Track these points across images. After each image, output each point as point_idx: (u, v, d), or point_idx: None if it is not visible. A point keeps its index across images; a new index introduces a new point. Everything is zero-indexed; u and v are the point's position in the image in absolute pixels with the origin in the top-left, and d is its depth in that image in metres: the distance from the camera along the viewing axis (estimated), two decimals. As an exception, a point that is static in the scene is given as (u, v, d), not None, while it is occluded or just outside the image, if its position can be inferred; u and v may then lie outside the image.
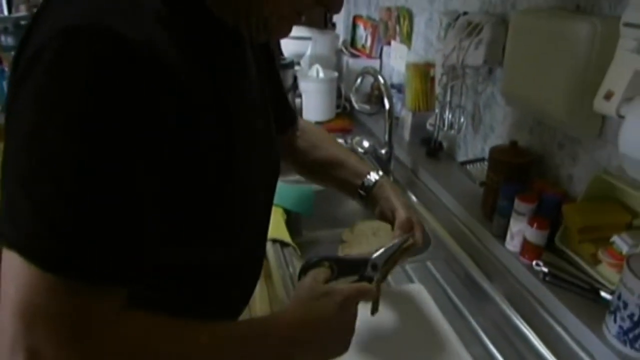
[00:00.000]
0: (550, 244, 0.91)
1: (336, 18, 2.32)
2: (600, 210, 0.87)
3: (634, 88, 0.74)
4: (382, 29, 1.81)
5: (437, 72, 1.30)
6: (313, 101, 1.85)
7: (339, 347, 0.62)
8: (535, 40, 0.94)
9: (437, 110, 1.32)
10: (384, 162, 1.43)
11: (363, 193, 0.87)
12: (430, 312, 0.93)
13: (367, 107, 1.80)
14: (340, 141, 1.77)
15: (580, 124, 0.89)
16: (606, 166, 0.89)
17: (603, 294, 0.80)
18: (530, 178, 1.02)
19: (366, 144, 1.41)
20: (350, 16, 2.18)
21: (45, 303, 0.42)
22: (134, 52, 0.43)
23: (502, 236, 0.97)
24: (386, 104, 1.37)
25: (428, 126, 1.41)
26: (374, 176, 0.88)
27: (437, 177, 1.28)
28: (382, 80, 1.39)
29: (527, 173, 1.02)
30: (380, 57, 1.93)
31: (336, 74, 1.87)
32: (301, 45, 2.01)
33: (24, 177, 0.43)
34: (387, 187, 0.87)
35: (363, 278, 0.67)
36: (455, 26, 1.20)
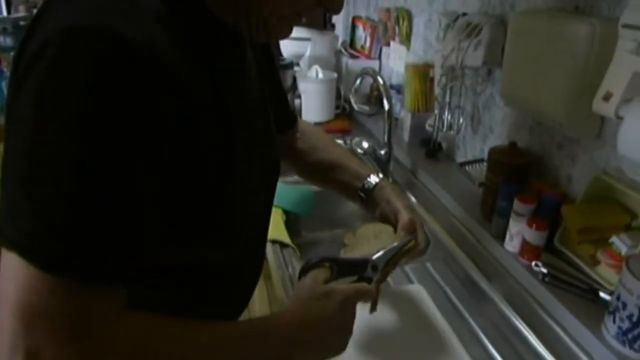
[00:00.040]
0: (549, 245, 0.91)
1: (335, 19, 2.32)
2: (599, 211, 0.87)
3: (633, 89, 0.74)
4: (381, 30, 1.81)
5: (436, 73, 1.30)
6: (312, 102, 1.85)
7: (337, 347, 0.62)
8: (534, 41, 0.94)
9: (436, 111, 1.32)
10: (383, 163, 1.43)
11: (363, 195, 0.87)
12: (429, 313, 0.93)
13: (367, 108, 1.80)
14: (339, 142, 1.77)
15: (579, 125, 0.89)
16: (605, 167, 0.89)
17: (602, 295, 0.80)
18: (529, 179, 1.02)
19: (365, 145, 1.41)
20: (349, 17, 2.19)
21: (44, 303, 0.42)
22: (134, 52, 0.43)
23: (502, 237, 0.97)
24: (385, 105, 1.37)
25: (427, 127, 1.41)
26: (374, 179, 0.88)
27: (437, 178, 1.28)
28: (382, 81, 1.39)
29: (526, 174, 1.02)
30: (379, 58, 1.93)
31: (335, 75, 1.88)
32: (300, 46, 2.01)
33: (24, 177, 0.43)
34: (388, 190, 0.87)
35: (363, 279, 0.67)
36: (454, 27, 1.20)
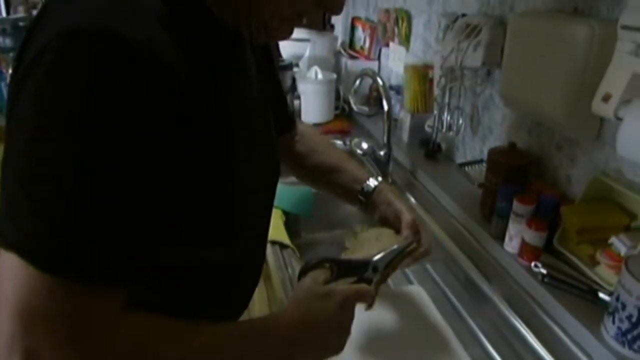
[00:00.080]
0: (548, 246, 0.91)
1: (335, 20, 2.32)
2: (598, 211, 0.87)
3: (632, 90, 0.74)
4: (381, 31, 1.81)
5: (436, 74, 1.30)
6: (312, 103, 1.85)
7: (336, 347, 0.62)
8: (533, 42, 0.94)
9: (436, 111, 1.33)
10: (383, 164, 1.43)
11: (362, 198, 0.87)
12: (429, 314, 0.94)
13: (366, 109, 1.80)
14: (338, 143, 1.77)
15: (578, 126, 0.89)
16: (604, 168, 0.89)
17: (601, 295, 0.80)
18: (528, 179, 1.02)
19: (365, 146, 1.41)
20: (348, 18, 2.19)
21: (44, 304, 0.42)
22: (134, 52, 0.43)
23: (501, 238, 0.98)
24: (385, 106, 1.38)
25: (426, 128, 1.41)
26: (373, 182, 0.88)
27: (436, 179, 1.28)
28: (381, 81, 1.39)
29: (526, 174, 1.02)
30: (378, 59, 1.93)
31: (335, 76, 1.88)
32: (300, 46, 2.01)
33: (24, 177, 0.43)
34: (388, 192, 0.87)
35: (363, 280, 0.67)
36: (453, 28, 1.20)
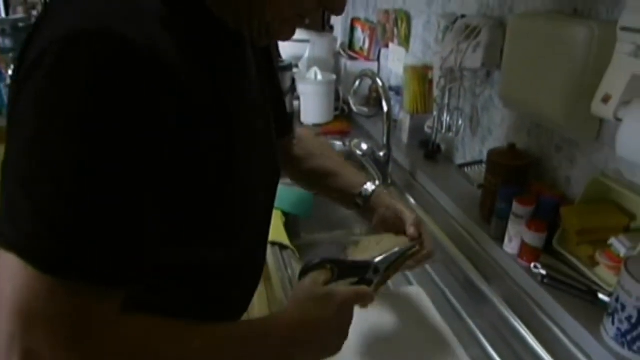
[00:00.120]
0: (548, 247, 0.91)
1: (334, 20, 2.32)
2: (597, 212, 0.87)
3: (632, 91, 0.74)
4: (380, 32, 1.81)
5: (435, 75, 1.30)
6: (311, 104, 1.85)
7: (334, 348, 0.63)
8: (533, 43, 0.94)
9: (435, 112, 1.33)
10: (382, 165, 1.43)
11: (360, 202, 0.87)
12: (429, 315, 0.94)
13: (365, 110, 1.80)
14: (338, 144, 1.77)
15: (577, 127, 0.90)
16: (604, 169, 0.89)
17: (601, 296, 0.80)
18: (528, 181, 1.02)
19: (364, 147, 1.41)
20: (348, 19, 2.19)
21: (43, 304, 0.42)
22: (134, 53, 0.43)
23: (500, 238, 0.98)
24: (384, 107, 1.38)
25: (426, 129, 1.41)
26: (371, 186, 0.88)
27: (435, 180, 1.28)
28: (381, 82, 1.39)
29: (525, 176, 1.02)
30: (378, 60, 1.94)
31: (334, 77, 1.88)
32: (299, 47, 2.02)
33: (24, 178, 0.43)
34: (386, 196, 0.87)
35: (363, 281, 0.67)
36: (453, 29, 1.20)
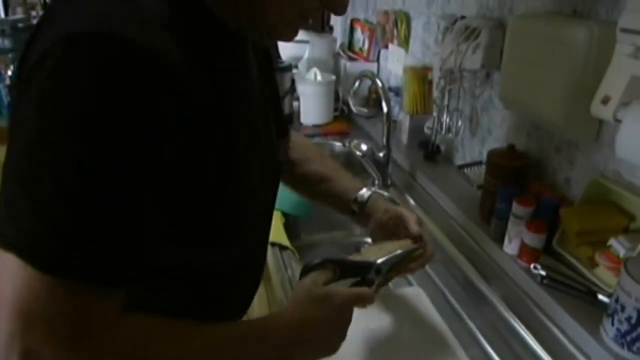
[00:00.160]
0: (547, 247, 0.91)
1: (334, 21, 2.33)
2: (597, 213, 0.87)
3: (631, 93, 0.74)
4: (380, 33, 1.81)
5: (435, 76, 1.30)
6: (311, 104, 1.86)
7: (332, 348, 0.63)
8: (532, 44, 0.94)
9: (435, 113, 1.33)
10: (382, 165, 1.43)
11: (356, 208, 0.87)
12: (428, 315, 0.94)
13: (365, 110, 1.80)
14: (337, 144, 1.77)
15: (577, 128, 0.90)
16: (603, 170, 0.90)
17: (600, 297, 0.80)
18: (527, 181, 1.02)
19: (364, 147, 1.41)
20: (347, 19, 2.19)
21: (43, 304, 0.42)
22: (134, 53, 0.43)
23: (500, 239, 0.98)
24: (384, 107, 1.38)
25: (426, 129, 1.41)
26: (367, 191, 0.88)
27: (435, 181, 1.28)
28: (380, 83, 1.39)
29: (525, 176, 1.02)
30: (377, 61, 1.94)
31: (334, 77, 1.88)
32: (299, 48, 2.02)
33: (24, 178, 0.43)
34: (382, 201, 0.87)
35: (364, 281, 0.67)
36: (452, 30, 1.21)
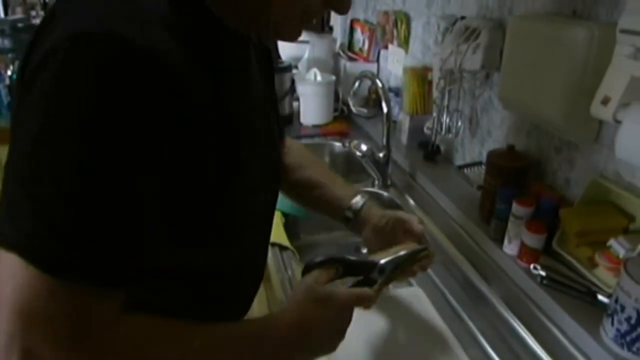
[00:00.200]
0: (547, 248, 0.91)
1: (333, 21, 2.33)
2: (597, 214, 0.87)
3: (631, 93, 0.74)
4: (380, 33, 1.81)
5: (435, 76, 1.30)
6: (311, 104, 1.86)
7: (330, 348, 0.64)
8: (532, 45, 0.94)
9: (435, 114, 1.33)
10: (382, 166, 1.43)
11: (350, 214, 0.86)
12: (428, 315, 0.94)
13: (365, 111, 1.80)
14: (337, 145, 1.78)
15: (577, 129, 0.90)
16: (603, 171, 0.90)
17: (600, 297, 0.81)
18: (527, 182, 1.02)
19: (364, 148, 1.41)
20: (347, 20, 2.19)
21: (43, 304, 0.42)
22: (134, 53, 0.43)
23: (500, 240, 0.98)
24: (384, 108, 1.38)
25: (425, 130, 1.41)
26: (362, 199, 0.87)
27: (435, 181, 1.28)
28: (380, 83, 1.39)
29: (525, 177, 1.03)
30: (377, 61, 1.94)
31: (334, 78, 1.88)
32: (299, 48, 2.02)
33: (25, 177, 0.43)
34: (377, 208, 0.87)
35: (367, 280, 0.67)
36: (452, 30, 1.21)
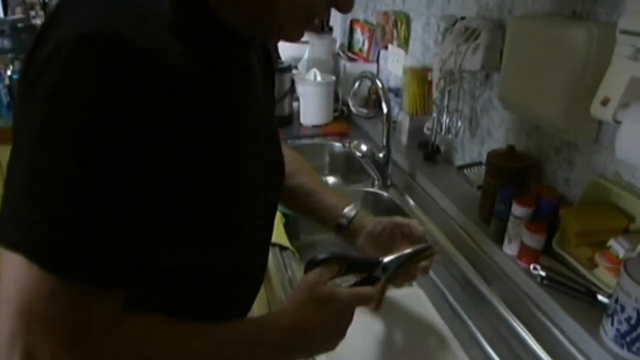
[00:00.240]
0: (547, 248, 0.91)
1: (333, 22, 2.33)
2: (596, 214, 0.88)
3: (631, 94, 0.75)
4: (380, 33, 1.81)
5: (435, 77, 1.30)
6: (311, 105, 1.86)
7: (330, 347, 0.65)
8: (532, 45, 0.94)
9: (435, 114, 1.33)
10: (382, 166, 1.43)
11: (344, 221, 0.86)
12: (428, 316, 0.94)
13: (365, 111, 1.80)
14: (337, 145, 1.78)
15: (577, 129, 0.90)
16: (602, 171, 0.90)
17: (600, 298, 0.81)
18: (527, 182, 1.03)
19: (364, 148, 1.42)
20: (347, 20, 2.19)
21: (45, 305, 0.42)
22: (134, 53, 0.43)
23: (500, 240, 0.98)
24: (384, 108, 1.38)
25: (425, 130, 1.41)
26: (355, 207, 0.87)
27: (435, 181, 1.28)
28: (380, 84, 1.40)
29: (525, 177, 1.03)
30: (377, 61, 1.94)
31: (333, 78, 1.88)
32: (299, 49, 2.02)
33: (26, 175, 0.43)
34: (371, 216, 0.87)
35: (371, 277, 0.67)
36: (452, 31, 1.21)
